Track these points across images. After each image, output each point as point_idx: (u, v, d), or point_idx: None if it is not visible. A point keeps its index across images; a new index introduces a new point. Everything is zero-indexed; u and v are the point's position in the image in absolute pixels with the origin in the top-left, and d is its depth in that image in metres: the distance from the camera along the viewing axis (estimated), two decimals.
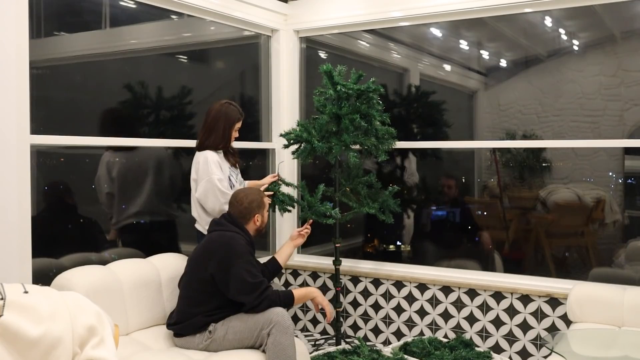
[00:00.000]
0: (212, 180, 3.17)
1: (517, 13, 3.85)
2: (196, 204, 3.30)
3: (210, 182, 3.17)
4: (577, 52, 3.98)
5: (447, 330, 3.97)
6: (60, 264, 3.13)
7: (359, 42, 4.64)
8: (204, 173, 3.19)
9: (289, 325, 2.74)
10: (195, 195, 3.24)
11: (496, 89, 4.27)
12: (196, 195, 3.24)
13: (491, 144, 4.12)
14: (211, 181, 3.17)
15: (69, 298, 1.96)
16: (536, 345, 3.70)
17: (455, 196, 4.31)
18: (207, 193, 3.18)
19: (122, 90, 3.51)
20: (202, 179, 3.19)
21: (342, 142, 3.64)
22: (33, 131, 2.84)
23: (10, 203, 2.71)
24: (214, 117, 3.29)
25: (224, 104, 3.32)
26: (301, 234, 3.52)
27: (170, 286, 3.12)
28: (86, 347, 1.87)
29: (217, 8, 3.90)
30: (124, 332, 2.90)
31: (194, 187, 3.28)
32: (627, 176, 3.80)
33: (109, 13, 3.48)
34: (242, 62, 4.65)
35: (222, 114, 3.29)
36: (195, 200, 3.29)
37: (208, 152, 3.23)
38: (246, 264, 2.81)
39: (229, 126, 3.29)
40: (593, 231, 3.89)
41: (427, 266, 4.14)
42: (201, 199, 3.22)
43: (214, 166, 3.19)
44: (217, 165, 3.22)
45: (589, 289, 3.32)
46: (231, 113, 3.30)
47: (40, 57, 3.03)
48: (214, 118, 3.29)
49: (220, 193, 3.17)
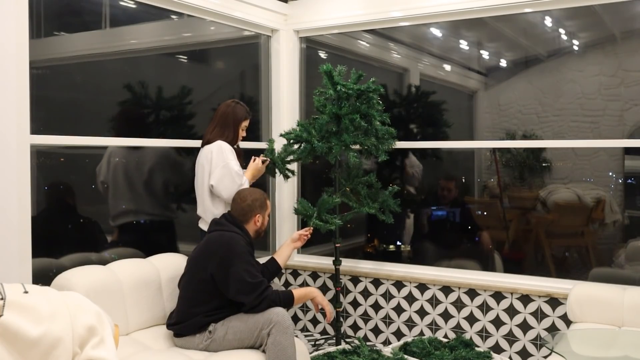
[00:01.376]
0: (228, 165, 3.22)
1: (517, 13, 3.85)
2: (204, 198, 3.30)
3: (227, 167, 3.22)
4: (577, 52, 3.98)
5: (447, 330, 3.97)
6: (60, 264, 3.13)
7: (359, 42, 4.64)
8: (219, 160, 3.23)
9: (288, 325, 2.74)
10: (211, 182, 3.24)
11: (496, 89, 4.27)
12: (211, 182, 3.24)
13: (491, 144, 4.12)
14: (227, 166, 3.22)
15: (69, 298, 1.96)
16: (536, 345, 3.70)
17: (454, 196, 4.31)
18: (224, 178, 3.22)
19: (122, 91, 3.51)
20: (218, 166, 3.22)
21: (342, 142, 3.64)
22: (33, 131, 2.84)
23: (10, 203, 2.71)
24: (222, 115, 3.36)
25: (231, 103, 3.39)
26: (301, 238, 3.52)
27: (170, 286, 3.12)
28: (86, 347, 1.87)
29: (217, 8, 3.90)
30: (124, 332, 2.90)
31: (204, 179, 3.28)
32: (627, 176, 3.80)
33: (109, 13, 3.48)
34: (242, 62, 4.65)
35: (230, 112, 3.36)
36: (204, 194, 3.29)
37: (221, 142, 3.28)
38: (246, 264, 2.81)
39: (237, 124, 3.37)
40: (593, 231, 3.90)
41: (427, 266, 4.14)
42: (217, 186, 3.23)
43: (229, 153, 3.26)
44: (232, 153, 3.28)
45: (589, 289, 3.32)
46: (239, 112, 3.38)
47: (40, 57, 3.03)
48: (223, 116, 3.35)
49: (237, 176, 3.23)
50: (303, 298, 3.07)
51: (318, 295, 3.07)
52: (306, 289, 3.09)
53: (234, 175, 3.23)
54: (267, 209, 3.12)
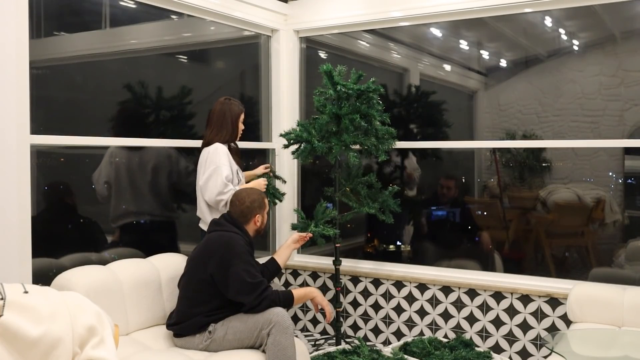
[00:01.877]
0: (218, 168, 3.23)
1: (517, 13, 3.85)
2: (200, 199, 3.32)
3: (216, 171, 3.22)
4: (577, 52, 3.98)
5: (447, 330, 3.97)
6: (60, 264, 3.13)
7: (359, 42, 4.64)
8: (211, 162, 3.25)
9: (288, 325, 2.74)
10: (200, 183, 3.28)
11: (496, 89, 4.27)
12: (200, 182, 3.27)
13: (491, 144, 4.12)
14: (217, 169, 3.22)
15: (69, 298, 1.96)
16: (536, 345, 3.70)
17: (454, 196, 4.31)
18: (209, 179, 3.23)
19: (122, 91, 3.51)
20: (209, 168, 3.24)
21: (342, 142, 3.64)
22: (33, 131, 2.84)
23: (10, 203, 2.71)
24: (219, 114, 3.38)
25: (224, 101, 3.42)
26: (301, 240, 3.52)
27: (170, 286, 3.12)
28: (86, 347, 1.87)
29: (217, 8, 3.90)
30: (124, 332, 2.90)
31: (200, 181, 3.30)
32: (627, 176, 3.80)
33: (109, 13, 3.48)
34: (242, 62, 4.64)
35: (226, 109, 3.39)
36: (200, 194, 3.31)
37: (218, 144, 3.30)
38: (245, 264, 2.81)
39: (235, 120, 3.40)
40: (593, 231, 3.90)
41: (427, 266, 4.14)
42: (202, 186, 3.25)
43: (223, 156, 3.27)
44: (226, 156, 3.30)
45: (589, 289, 3.32)
46: (234, 107, 3.41)
47: (40, 57, 3.03)
48: (220, 115, 3.38)
49: (221, 182, 3.21)
50: (303, 298, 3.07)
51: (318, 295, 3.07)
52: (306, 289, 3.09)
53: (219, 180, 3.20)
54: (266, 208, 3.12)
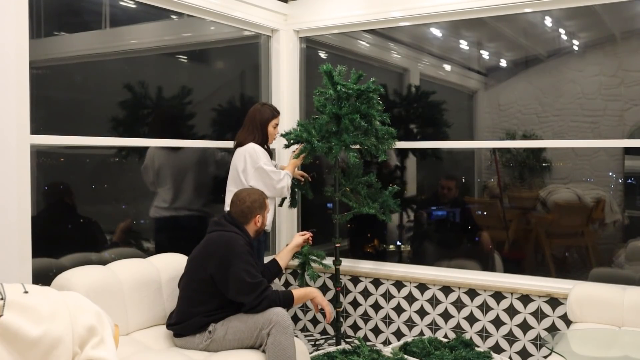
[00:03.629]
0: (260, 167, 3.44)
1: (517, 13, 3.85)
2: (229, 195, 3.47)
3: (259, 170, 3.45)
4: (577, 52, 3.98)
5: (447, 330, 3.97)
6: (60, 264, 3.13)
7: (359, 42, 4.64)
8: (252, 163, 3.46)
9: (288, 325, 2.74)
10: (250, 184, 3.44)
11: (496, 89, 4.27)
12: (250, 183, 3.44)
13: (491, 144, 4.12)
14: (259, 169, 3.44)
15: (69, 298, 1.96)
16: (536, 345, 3.70)
17: (454, 197, 4.31)
18: (258, 182, 3.44)
19: (122, 91, 3.51)
20: (252, 169, 3.45)
21: (342, 142, 3.64)
22: (33, 131, 2.84)
23: (10, 203, 2.71)
24: (249, 118, 3.60)
25: (258, 106, 3.65)
26: (304, 243, 3.52)
27: (170, 286, 3.12)
28: (86, 347, 1.87)
29: (217, 8, 3.90)
30: (124, 332, 2.90)
31: (236, 180, 3.48)
32: (627, 176, 3.80)
33: (109, 13, 3.48)
34: (242, 62, 4.64)
35: (256, 114, 3.59)
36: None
37: (254, 144, 3.51)
38: (245, 264, 2.81)
39: (264, 125, 3.57)
40: (593, 231, 3.89)
41: (427, 266, 4.15)
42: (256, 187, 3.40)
43: (261, 154, 3.48)
44: (264, 154, 3.52)
45: (589, 289, 3.32)
46: (265, 113, 3.60)
47: (40, 57, 3.03)
48: (250, 119, 3.60)
49: (272, 173, 3.46)
50: (303, 298, 3.07)
51: (318, 295, 3.07)
52: (306, 289, 3.09)
53: (266, 176, 3.45)
54: (266, 208, 3.12)
